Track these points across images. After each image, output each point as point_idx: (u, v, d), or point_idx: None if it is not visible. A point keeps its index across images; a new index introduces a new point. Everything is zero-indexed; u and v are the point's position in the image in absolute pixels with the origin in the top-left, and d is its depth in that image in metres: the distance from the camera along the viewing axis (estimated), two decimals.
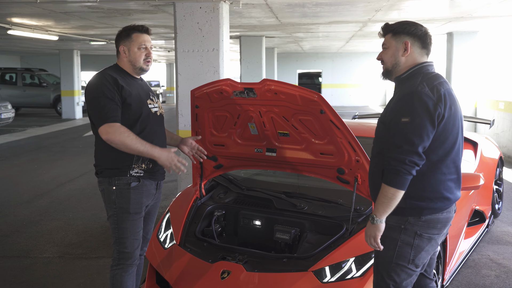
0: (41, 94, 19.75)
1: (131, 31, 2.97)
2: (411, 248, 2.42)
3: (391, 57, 2.48)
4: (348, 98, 24.33)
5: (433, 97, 2.29)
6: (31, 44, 16.12)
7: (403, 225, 2.42)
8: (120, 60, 3.03)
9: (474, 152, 5.09)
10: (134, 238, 2.98)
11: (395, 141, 2.31)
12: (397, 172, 2.27)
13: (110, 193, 2.93)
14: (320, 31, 12.20)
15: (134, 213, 2.95)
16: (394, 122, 2.34)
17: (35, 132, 14.35)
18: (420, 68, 2.44)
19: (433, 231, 2.43)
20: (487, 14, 8.92)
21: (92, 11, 8.13)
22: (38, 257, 4.65)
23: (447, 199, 2.43)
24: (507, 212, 5.90)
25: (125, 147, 2.80)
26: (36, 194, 7.08)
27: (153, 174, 3.03)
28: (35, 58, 25.88)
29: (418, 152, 2.27)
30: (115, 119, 2.80)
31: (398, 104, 2.35)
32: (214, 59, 5.43)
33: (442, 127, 2.32)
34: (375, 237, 2.39)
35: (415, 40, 2.45)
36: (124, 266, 2.98)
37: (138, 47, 2.95)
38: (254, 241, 3.49)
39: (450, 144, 2.38)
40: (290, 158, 3.31)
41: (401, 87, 2.45)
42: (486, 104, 11.58)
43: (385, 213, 2.35)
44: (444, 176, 2.40)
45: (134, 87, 2.97)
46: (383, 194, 2.33)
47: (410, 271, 2.46)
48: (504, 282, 3.99)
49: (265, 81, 3.00)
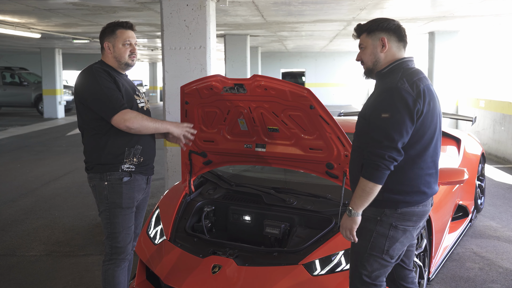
0: (22, 93, 19.49)
1: (116, 27, 3.00)
2: (385, 239, 2.46)
3: (370, 55, 2.51)
4: (331, 97, 24.48)
5: (413, 93, 2.31)
6: (12, 42, 15.89)
7: (379, 217, 2.46)
8: (105, 56, 3.04)
9: (458, 148, 5.19)
10: (126, 233, 2.99)
11: (374, 136, 2.34)
12: (376, 167, 2.31)
13: (102, 188, 2.94)
14: (305, 29, 12.27)
15: (127, 208, 2.97)
16: (374, 117, 2.37)
17: (17, 132, 14.16)
18: (400, 64, 2.46)
19: (408, 223, 2.48)
20: (468, 14, 9.08)
21: (76, 8, 8.06)
22: (25, 255, 4.62)
23: (424, 193, 2.47)
24: (489, 207, 6.02)
25: (145, 129, 2.90)
26: (20, 193, 7.00)
27: (144, 169, 3.06)
28: (16, 56, 25.50)
29: (397, 148, 2.30)
30: (125, 106, 2.86)
31: (378, 100, 2.38)
32: (201, 57, 5.43)
33: (421, 123, 2.36)
34: (351, 230, 2.43)
35: (391, 34, 2.48)
36: (117, 261, 2.99)
37: (122, 43, 2.98)
38: (244, 236, 3.52)
39: (428, 139, 2.42)
40: (280, 154, 3.34)
41: (382, 82, 2.47)
42: (467, 103, 11.77)
43: (362, 206, 2.39)
44: (422, 171, 2.44)
45: (122, 81, 3.01)
46: (361, 187, 2.37)
47: (384, 262, 2.50)
48: (487, 274, 4.08)
49: (255, 77, 3.03)
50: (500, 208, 5.99)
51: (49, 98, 18.34)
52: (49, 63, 18.04)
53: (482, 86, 17.70)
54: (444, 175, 3.67)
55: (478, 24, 11.02)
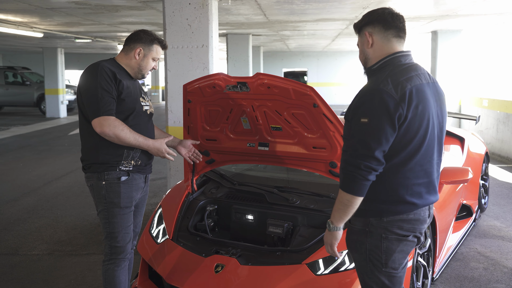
0: (25, 93, 19.49)
1: (155, 41, 3.02)
2: (381, 252, 2.23)
3: (361, 53, 2.34)
4: (333, 97, 24.43)
5: (396, 96, 2.06)
6: (14, 42, 15.91)
7: (367, 228, 2.24)
8: (125, 57, 3.00)
9: (461, 148, 5.16)
10: (125, 232, 2.97)
11: (352, 143, 2.13)
12: (353, 178, 2.10)
13: (99, 188, 2.91)
14: (307, 29, 12.25)
15: (125, 207, 2.94)
16: (354, 122, 2.15)
17: (19, 131, 14.17)
18: (391, 60, 2.20)
19: (399, 231, 2.21)
20: (471, 12, 9.05)
21: (79, 7, 8.06)
22: (27, 254, 4.61)
23: (411, 204, 2.20)
24: (492, 206, 6.00)
25: (118, 140, 2.82)
26: (22, 192, 7.00)
27: (142, 168, 3.04)
28: (18, 56, 25.55)
29: (375, 157, 2.07)
30: (111, 112, 2.80)
31: (359, 102, 2.15)
32: (203, 55, 5.41)
33: (405, 129, 2.10)
34: (331, 245, 2.25)
35: (374, 25, 2.24)
36: (117, 260, 2.97)
37: (153, 58, 3.03)
38: (246, 236, 3.50)
39: (415, 147, 2.15)
40: (283, 152, 3.32)
41: (368, 81, 2.25)
42: (470, 102, 11.74)
43: (342, 220, 2.19)
44: (407, 181, 2.18)
45: (129, 83, 2.98)
46: (339, 200, 2.17)
47: (389, 274, 2.25)
48: (492, 274, 4.05)
49: (258, 75, 3.01)
50: (504, 208, 5.96)
51: (51, 97, 18.35)
52: (51, 63, 18.06)
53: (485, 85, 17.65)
54: (448, 174, 3.65)
55: (481, 23, 10.99)
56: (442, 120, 2.29)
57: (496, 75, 18.73)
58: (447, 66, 12.19)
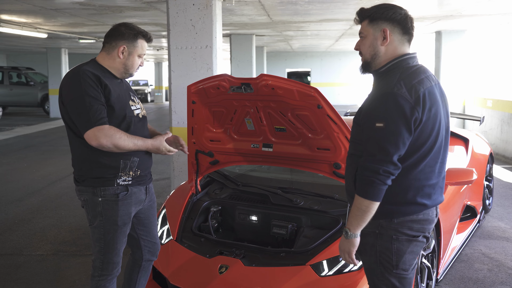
0: (29, 93, 19.56)
1: (138, 35, 2.69)
2: (391, 254, 2.21)
3: (369, 47, 2.23)
4: (337, 97, 24.41)
5: (411, 100, 2.04)
6: (19, 42, 15.96)
7: (377, 230, 2.21)
8: (108, 58, 2.69)
9: (466, 148, 5.15)
10: (120, 248, 2.76)
11: (368, 148, 2.10)
12: (371, 183, 2.07)
13: (95, 204, 2.66)
14: (311, 29, 12.24)
15: (123, 225, 2.72)
16: (367, 126, 2.11)
17: (23, 131, 14.21)
18: (400, 62, 2.18)
19: (410, 232, 2.21)
20: (475, 13, 9.03)
21: (83, 8, 8.08)
22: (32, 254, 4.62)
23: (422, 205, 2.20)
24: (497, 207, 5.98)
25: (117, 150, 2.58)
26: (27, 192, 7.02)
27: (141, 179, 2.79)
28: (22, 56, 25.62)
29: (393, 161, 2.05)
30: (103, 121, 2.52)
31: (373, 106, 2.12)
32: (207, 56, 5.42)
33: (419, 132, 2.09)
34: (349, 253, 2.20)
35: (395, 25, 2.19)
36: (108, 276, 2.77)
37: (139, 54, 2.72)
38: (250, 237, 3.50)
39: (427, 149, 2.14)
40: (287, 153, 3.32)
41: (378, 84, 2.21)
42: (474, 102, 11.71)
43: (359, 226, 2.14)
44: (418, 182, 2.17)
45: (116, 87, 2.68)
46: (356, 206, 2.12)
47: (399, 276, 2.24)
48: (496, 276, 4.04)
49: (262, 76, 3.01)
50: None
51: (55, 98, 18.33)
52: (55, 63, 18.12)
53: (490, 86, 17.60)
54: (453, 176, 3.64)
55: (486, 23, 10.96)
56: (447, 121, 2.29)
57: (500, 75, 18.68)
58: (451, 67, 12.17)
